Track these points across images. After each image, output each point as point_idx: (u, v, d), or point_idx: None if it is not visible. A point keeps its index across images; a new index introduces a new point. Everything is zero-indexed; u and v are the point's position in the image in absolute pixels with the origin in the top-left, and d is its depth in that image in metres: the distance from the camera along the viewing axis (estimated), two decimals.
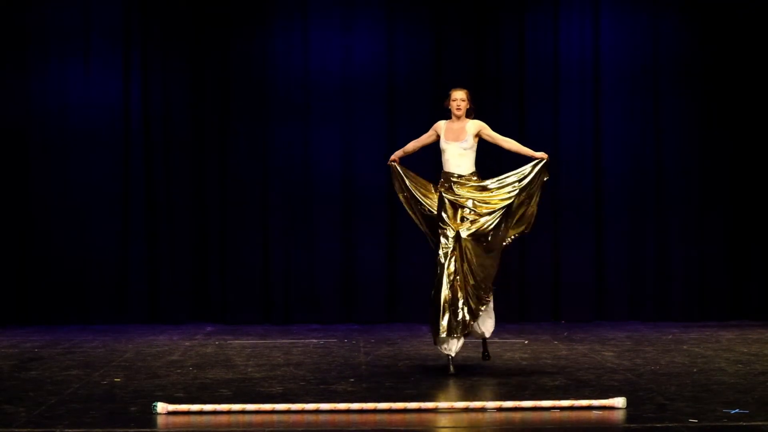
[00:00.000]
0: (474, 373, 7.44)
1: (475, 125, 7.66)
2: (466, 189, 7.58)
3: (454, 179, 7.60)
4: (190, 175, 11.10)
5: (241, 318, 10.94)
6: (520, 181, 7.61)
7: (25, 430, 5.62)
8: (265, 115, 11.07)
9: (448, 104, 7.75)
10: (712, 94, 11.15)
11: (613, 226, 11.17)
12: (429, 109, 10.30)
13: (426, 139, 7.86)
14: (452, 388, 6.80)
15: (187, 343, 9.29)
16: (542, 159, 7.60)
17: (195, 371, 7.61)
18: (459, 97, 7.69)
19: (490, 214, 7.50)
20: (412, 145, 7.94)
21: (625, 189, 11.19)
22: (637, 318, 11.05)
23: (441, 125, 7.76)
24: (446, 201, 7.55)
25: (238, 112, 11.06)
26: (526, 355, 8.38)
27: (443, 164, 7.69)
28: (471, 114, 7.72)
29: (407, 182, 7.81)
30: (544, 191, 7.78)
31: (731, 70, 11.11)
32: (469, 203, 7.53)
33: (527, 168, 7.64)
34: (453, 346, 7.38)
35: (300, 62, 11.08)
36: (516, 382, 7.06)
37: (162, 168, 11.04)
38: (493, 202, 7.55)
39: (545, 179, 7.65)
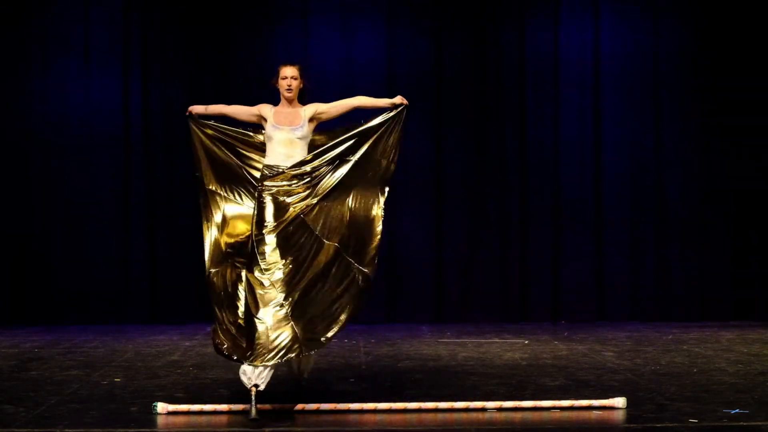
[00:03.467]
0: (474, 373, 7.44)
1: (310, 108, 6.23)
2: (289, 180, 6.11)
3: (279, 171, 6.12)
4: (190, 176, 11.07)
5: None
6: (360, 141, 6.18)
7: (25, 430, 5.62)
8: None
9: (276, 83, 6.29)
10: (712, 92, 11.16)
11: (613, 225, 11.17)
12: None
13: (242, 112, 6.36)
14: (452, 389, 6.79)
15: (187, 343, 9.28)
16: (402, 104, 6.20)
17: (195, 371, 7.61)
18: (290, 75, 6.22)
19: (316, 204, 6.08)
20: (219, 109, 6.42)
21: (626, 189, 11.18)
22: (637, 318, 11.05)
23: (267, 110, 6.28)
24: (266, 200, 6.10)
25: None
26: (526, 355, 8.38)
27: (267, 155, 6.21)
28: (305, 96, 6.31)
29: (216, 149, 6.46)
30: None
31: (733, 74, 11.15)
32: (292, 198, 6.09)
33: (376, 121, 6.21)
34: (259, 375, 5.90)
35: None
36: (516, 382, 7.06)
37: (162, 168, 11.04)
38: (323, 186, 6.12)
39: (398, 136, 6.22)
